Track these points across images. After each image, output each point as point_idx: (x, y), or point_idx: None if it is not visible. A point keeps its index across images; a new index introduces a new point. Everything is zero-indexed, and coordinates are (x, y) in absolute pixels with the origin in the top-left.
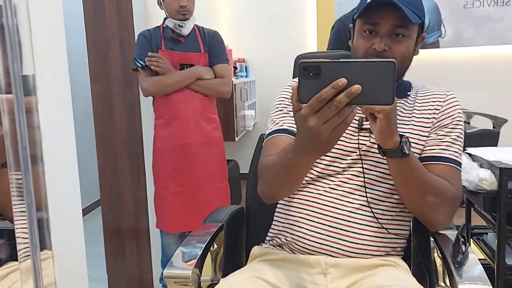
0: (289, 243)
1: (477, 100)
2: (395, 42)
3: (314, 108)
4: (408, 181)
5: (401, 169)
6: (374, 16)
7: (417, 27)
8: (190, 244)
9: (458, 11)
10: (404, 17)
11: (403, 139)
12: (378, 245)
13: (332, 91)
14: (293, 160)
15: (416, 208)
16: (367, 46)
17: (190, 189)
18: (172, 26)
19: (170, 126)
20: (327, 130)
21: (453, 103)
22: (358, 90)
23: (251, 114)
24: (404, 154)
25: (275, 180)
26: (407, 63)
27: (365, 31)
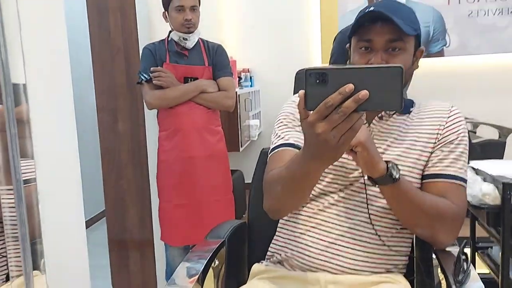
0: (289, 259)
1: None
2: (391, 56)
3: (322, 114)
4: (404, 205)
5: (395, 194)
6: (367, 33)
7: (413, 39)
8: (191, 261)
9: (462, 20)
10: (397, 30)
11: (390, 165)
12: (378, 262)
13: (340, 97)
14: (301, 169)
15: (415, 229)
16: (364, 62)
17: (194, 202)
18: (177, 39)
19: (173, 138)
20: (335, 137)
21: (457, 118)
22: (366, 95)
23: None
24: (394, 179)
25: (281, 192)
26: (405, 77)
27: (360, 48)
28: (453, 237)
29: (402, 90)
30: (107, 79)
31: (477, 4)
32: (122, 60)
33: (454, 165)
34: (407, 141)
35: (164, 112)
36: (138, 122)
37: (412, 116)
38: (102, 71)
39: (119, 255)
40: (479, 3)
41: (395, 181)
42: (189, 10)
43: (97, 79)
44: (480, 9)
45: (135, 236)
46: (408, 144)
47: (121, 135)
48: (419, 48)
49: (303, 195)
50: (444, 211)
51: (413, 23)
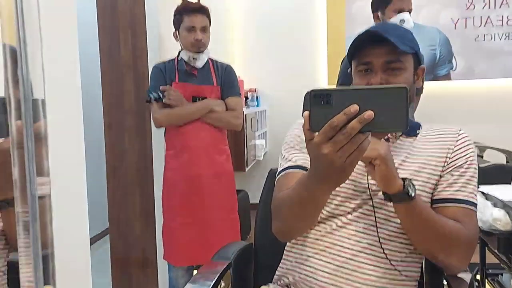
0: (297, 282)
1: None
2: (391, 76)
3: (327, 135)
4: (418, 225)
5: (409, 213)
6: (365, 55)
7: (411, 58)
8: (198, 283)
9: (469, 44)
10: (393, 49)
11: (407, 182)
12: (388, 286)
13: (344, 118)
14: (308, 191)
15: (427, 253)
16: (363, 83)
17: (199, 221)
18: (187, 59)
19: (180, 157)
20: (341, 158)
21: (466, 142)
22: (371, 116)
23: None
24: (410, 197)
25: (290, 215)
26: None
27: (360, 71)
28: (466, 262)
29: (408, 110)
30: (116, 97)
31: (484, 28)
32: (131, 78)
33: (464, 189)
34: (416, 164)
35: (172, 130)
36: (145, 140)
37: (420, 139)
38: (110, 88)
39: (122, 274)
40: (485, 28)
41: (411, 198)
42: (200, 30)
43: (105, 96)
44: (487, 33)
45: (138, 255)
46: (417, 167)
47: (128, 153)
48: (420, 66)
49: (311, 218)
50: (459, 235)
51: (410, 42)
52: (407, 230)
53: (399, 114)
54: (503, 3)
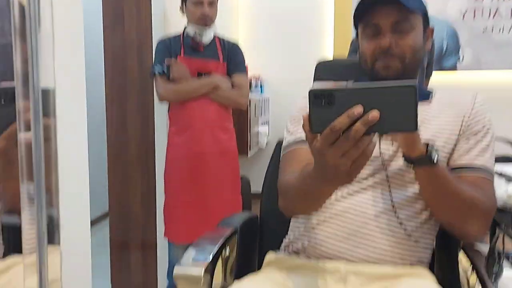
0: (307, 248)
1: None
2: (400, 37)
3: (329, 140)
4: (438, 191)
5: (430, 179)
6: (371, 18)
7: (420, 17)
8: (202, 246)
9: (477, 35)
10: (401, 8)
11: (430, 146)
12: (402, 254)
13: (347, 121)
14: (313, 187)
15: (446, 220)
16: (372, 48)
17: (202, 199)
18: (193, 34)
19: (184, 134)
20: (346, 164)
21: (483, 108)
22: (376, 117)
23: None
24: (433, 162)
25: (296, 202)
26: (418, 56)
27: (367, 34)
28: (484, 231)
29: (417, 109)
30: (118, 74)
31: (492, 20)
32: (134, 53)
33: (481, 156)
34: (431, 129)
35: (176, 107)
36: (147, 117)
37: (434, 104)
38: (113, 65)
39: (120, 255)
40: (494, 20)
41: (434, 163)
42: (207, 4)
43: (108, 73)
44: (495, 25)
45: (138, 236)
46: (432, 133)
47: (129, 129)
48: (429, 27)
49: (318, 205)
50: (479, 202)
51: (417, 1)
52: (426, 196)
53: (408, 114)
54: None
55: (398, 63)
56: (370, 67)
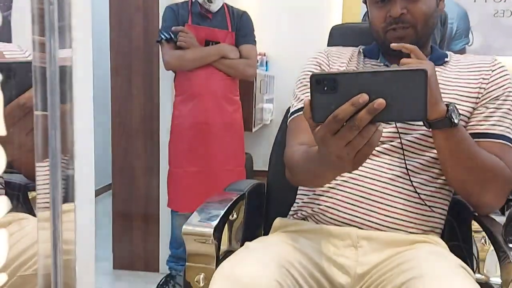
0: (316, 214)
1: None
2: (411, 2)
3: (332, 129)
4: (456, 155)
5: (449, 142)
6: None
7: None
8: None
9: (487, 19)
10: None
11: (451, 107)
12: (415, 221)
13: (352, 109)
14: (318, 171)
15: (462, 187)
16: (382, 15)
17: (205, 169)
18: (201, 1)
19: (189, 103)
20: (350, 154)
21: (503, 72)
22: (382, 105)
23: (269, 108)
24: (453, 124)
25: (302, 178)
26: (432, 21)
27: (377, 2)
28: (501, 201)
29: (427, 96)
30: (124, 42)
31: (504, 4)
32: (140, 20)
33: (501, 124)
34: (447, 95)
35: (182, 75)
36: (152, 85)
37: (450, 68)
38: (119, 31)
39: (123, 226)
40: (505, 3)
41: (453, 125)
42: None
43: (113, 39)
44: (506, 9)
45: (141, 207)
46: (448, 98)
47: (134, 98)
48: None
49: (324, 183)
50: (498, 170)
51: None
52: (444, 160)
53: (417, 101)
54: None
55: (411, 31)
56: (382, 36)
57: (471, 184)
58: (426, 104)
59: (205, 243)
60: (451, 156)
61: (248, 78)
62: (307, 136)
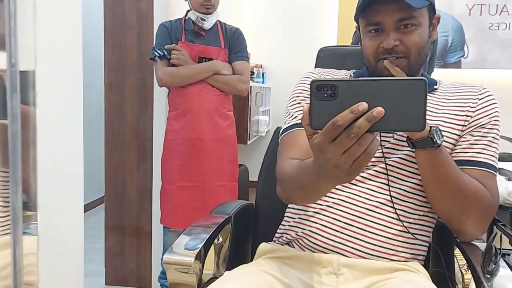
0: (300, 238)
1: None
2: (404, 34)
3: (330, 136)
4: (438, 177)
5: (431, 163)
6: (374, 15)
7: (426, 11)
8: (194, 233)
9: (482, 32)
10: (406, 5)
11: (433, 128)
12: (398, 249)
13: (351, 116)
14: (312, 183)
15: (444, 211)
16: (375, 45)
17: (198, 185)
18: (195, 19)
19: (183, 118)
20: (347, 162)
21: (491, 100)
22: (381, 113)
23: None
24: (435, 144)
25: (293, 193)
26: (425, 52)
27: (370, 31)
28: (483, 228)
29: (426, 106)
30: (118, 58)
31: (499, 17)
32: (134, 38)
33: (485, 152)
34: (433, 121)
35: (175, 91)
36: (146, 101)
37: (438, 95)
38: (113, 47)
39: (115, 239)
40: (500, 16)
41: (435, 145)
42: None
43: (107, 55)
44: (501, 22)
45: (133, 221)
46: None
47: (128, 114)
48: (435, 15)
49: (316, 198)
50: (480, 195)
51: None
52: (427, 182)
53: (415, 111)
54: None
55: (404, 61)
56: (373, 65)
57: (453, 208)
58: (425, 114)
59: (186, 272)
60: (434, 178)
61: (241, 93)
62: (299, 151)
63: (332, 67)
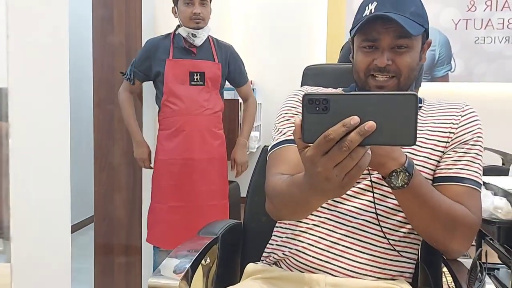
0: (287, 257)
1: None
2: (398, 54)
3: (322, 149)
4: (416, 209)
5: (406, 198)
6: (372, 32)
7: (420, 36)
8: (180, 255)
9: (469, 46)
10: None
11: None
12: (384, 267)
13: (343, 130)
14: (302, 197)
15: (428, 237)
16: (368, 61)
17: (190, 205)
18: (185, 35)
19: (175, 138)
20: (339, 176)
21: (473, 117)
22: (372, 127)
23: (255, 136)
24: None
25: (283, 209)
26: (414, 74)
27: (364, 47)
28: (467, 246)
29: (416, 121)
30: (107, 77)
31: (484, 31)
32: (123, 56)
33: (469, 168)
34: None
35: (166, 110)
36: None
37: (422, 112)
38: (101, 65)
39: (104, 259)
40: (485, 30)
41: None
42: (198, 4)
43: (96, 73)
44: (487, 36)
45: (123, 240)
46: (419, 141)
47: (116, 134)
48: (427, 40)
49: (306, 213)
50: (462, 218)
51: (421, 17)
52: (407, 213)
53: (406, 126)
54: (504, 6)
55: (394, 81)
56: (363, 79)
57: (436, 233)
58: (415, 128)
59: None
60: (412, 210)
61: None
62: (288, 167)
63: (319, 85)
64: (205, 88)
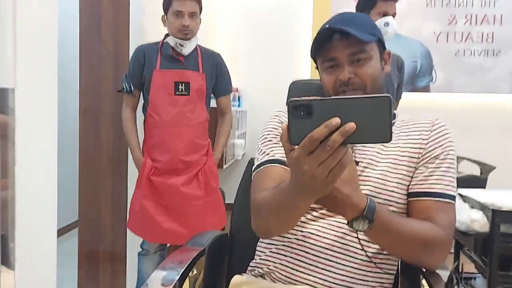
0: (272, 272)
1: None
2: (358, 67)
3: (307, 149)
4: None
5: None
6: (328, 51)
7: (375, 45)
8: (168, 267)
9: (449, 58)
10: (356, 40)
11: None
12: (364, 279)
13: (326, 131)
14: (289, 201)
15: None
16: (333, 80)
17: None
18: (173, 45)
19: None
20: (323, 173)
21: (443, 131)
22: (353, 128)
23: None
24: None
25: (270, 219)
26: (379, 82)
27: (326, 68)
28: (443, 260)
29: (391, 120)
30: (93, 83)
31: (464, 44)
32: (110, 63)
33: (440, 182)
34: (391, 156)
35: (151, 121)
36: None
37: (395, 129)
38: (88, 73)
39: (89, 266)
40: (465, 43)
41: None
42: (188, 16)
43: (82, 81)
44: (467, 48)
45: (107, 247)
46: (392, 159)
47: (102, 141)
48: (385, 50)
49: (293, 222)
50: (432, 239)
51: (371, 29)
52: (377, 243)
53: (382, 125)
54: (483, 20)
55: (360, 93)
56: None
57: (410, 256)
58: (391, 127)
59: None
60: (383, 244)
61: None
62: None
63: None
64: (190, 98)
